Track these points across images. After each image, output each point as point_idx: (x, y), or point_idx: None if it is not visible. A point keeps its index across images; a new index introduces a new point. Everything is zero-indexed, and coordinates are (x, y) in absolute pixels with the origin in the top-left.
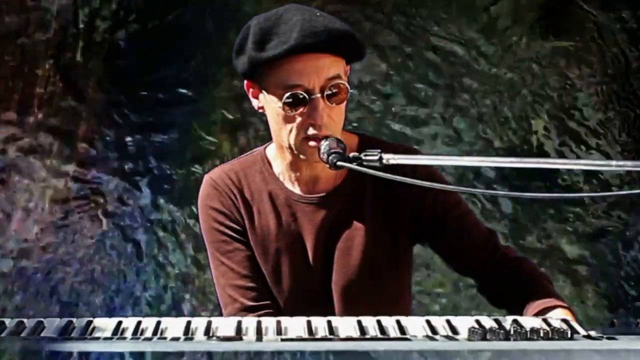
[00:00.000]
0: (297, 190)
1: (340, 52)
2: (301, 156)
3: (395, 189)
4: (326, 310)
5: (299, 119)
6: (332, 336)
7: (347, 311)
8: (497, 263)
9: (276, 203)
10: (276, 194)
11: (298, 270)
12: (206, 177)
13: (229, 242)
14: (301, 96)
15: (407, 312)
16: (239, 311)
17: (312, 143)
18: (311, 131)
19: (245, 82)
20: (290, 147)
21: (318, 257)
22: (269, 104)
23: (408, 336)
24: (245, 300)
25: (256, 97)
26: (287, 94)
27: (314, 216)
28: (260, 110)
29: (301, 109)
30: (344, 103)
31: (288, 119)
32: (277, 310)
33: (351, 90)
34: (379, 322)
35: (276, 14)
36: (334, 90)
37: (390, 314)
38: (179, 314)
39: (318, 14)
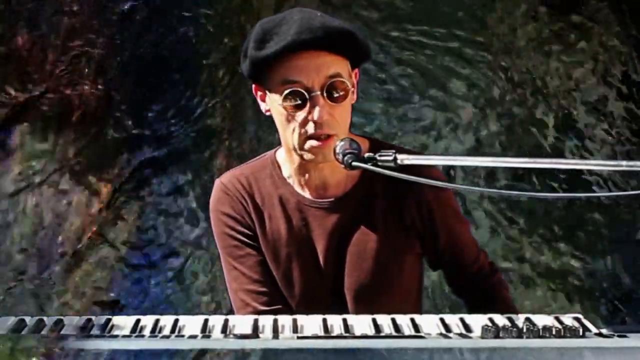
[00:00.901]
0: (307, 194)
1: (340, 50)
2: (305, 156)
3: (404, 194)
4: (338, 313)
5: (300, 118)
6: (347, 334)
7: (360, 314)
8: (475, 277)
9: (287, 207)
10: (287, 199)
11: (309, 275)
12: (217, 182)
13: (240, 247)
14: (301, 93)
15: (419, 313)
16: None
17: (314, 142)
18: (313, 129)
19: (253, 86)
20: (294, 148)
21: (329, 262)
22: (273, 105)
23: (422, 334)
24: (257, 305)
25: (263, 100)
26: (287, 90)
27: (324, 221)
28: (268, 114)
29: (302, 107)
30: (347, 102)
31: (290, 118)
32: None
33: (352, 88)
34: (393, 320)
35: (279, 17)
36: (335, 89)
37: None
38: None
39: (319, 14)
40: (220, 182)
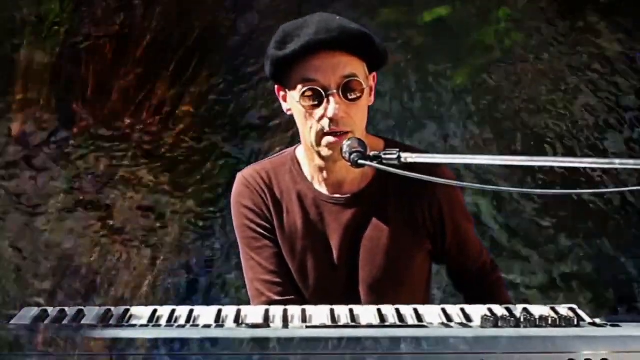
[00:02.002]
0: (324, 190)
1: (356, 51)
2: (322, 152)
3: (417, 193)
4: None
5: (317, 115)
6: (353, 323)
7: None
8: (477, 274)
9: (304, 202)
10: (305, 194)
11: (323, 268)
12: (239, 175)
13: (258, 239)
14: (318, 92)
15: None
16: (265, 305)
17: (330, 139)
18: (328, 126)
19: (276, 86)
20: (312, 145)
21: (343, 256)
22: (293, 103)
23: (425, 324)
24: (271, 295)
25: (285, 100)
26: (304, 88)
27: (340, 216)
28: (289, 113)
29: (319, 105)
30: (363, 102)
31: (308, 116)
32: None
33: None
34: (397, 310)
35: (300, 20)
36: (351, 88)
37: None
38: None
39: (338, 17)
40: (241, 175)
